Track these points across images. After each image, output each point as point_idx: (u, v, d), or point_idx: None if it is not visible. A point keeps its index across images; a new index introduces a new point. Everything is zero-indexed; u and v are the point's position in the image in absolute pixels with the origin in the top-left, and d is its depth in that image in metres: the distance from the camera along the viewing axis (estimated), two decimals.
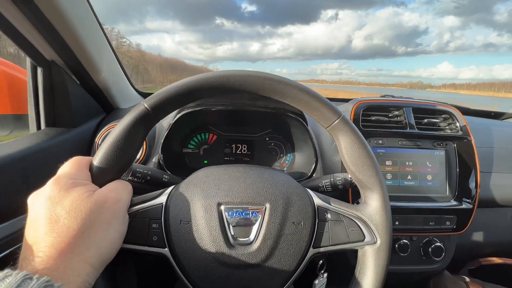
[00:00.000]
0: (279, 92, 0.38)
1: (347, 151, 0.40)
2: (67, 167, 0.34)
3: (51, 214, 0.29)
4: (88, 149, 0.70)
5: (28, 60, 0.59)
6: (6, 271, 0.23)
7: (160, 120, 0.40)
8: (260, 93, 0.39)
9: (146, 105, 0.36)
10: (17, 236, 0.50)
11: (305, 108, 0.40)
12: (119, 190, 0.35)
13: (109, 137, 0.35)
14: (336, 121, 0.39)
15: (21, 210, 0.52)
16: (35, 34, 0.53)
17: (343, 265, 0.74)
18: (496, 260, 0.91)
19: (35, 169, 0.55)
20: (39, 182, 0.55)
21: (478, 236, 0.82)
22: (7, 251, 0.48)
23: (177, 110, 0.70)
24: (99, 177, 0.35)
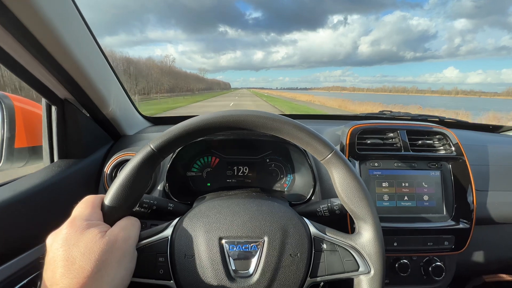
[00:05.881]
0: (275, 129, 0.42)
1: (340, 183, 0.42)
2: (81, 208, 0.37)
3: (67, 256, 0.32)
4: (97, 179, 0.73)
5: (43, 100, 0.63)
6: None
7: None
8: (257, 130, 0.42)
9: (152, 146, 0.39)
10: (35, 266, 0.54)
11: (300, 143, 0.43)
12: (128, 229, 0.38)
13: (118, 178, 0.39)
14: (329, 156, 0.42)
15: (37, 240, 0.56)
16: (48, 77, 0.57)
17: None
18: (506, 277, 0.90)
19: (50, 201, 0.59)
20: (54, 213, 0.59)
21: (479, 254, 0.82)
22: (25, 281, 0.52)
23: None
24: (110, 215, 0.38)
